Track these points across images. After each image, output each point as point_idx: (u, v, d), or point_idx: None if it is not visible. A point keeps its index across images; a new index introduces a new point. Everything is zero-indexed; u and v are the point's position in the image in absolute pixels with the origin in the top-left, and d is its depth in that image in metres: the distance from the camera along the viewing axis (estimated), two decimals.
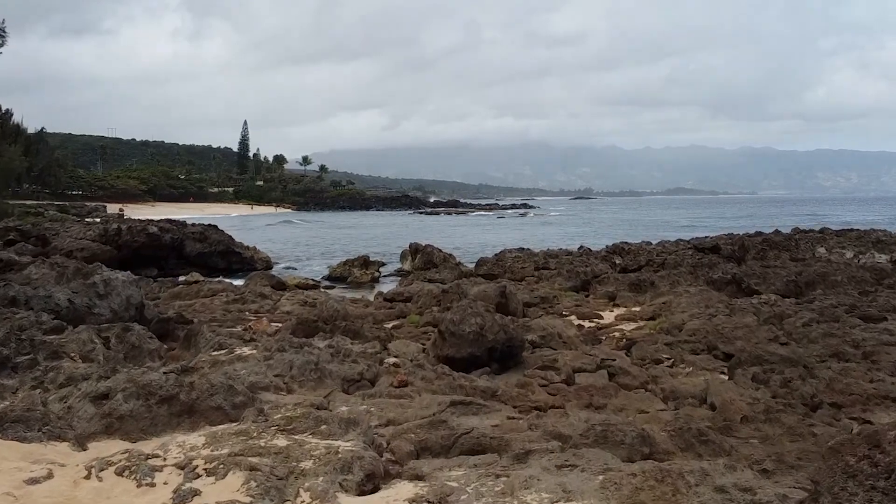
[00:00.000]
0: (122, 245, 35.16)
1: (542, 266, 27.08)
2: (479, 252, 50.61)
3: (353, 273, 33.08)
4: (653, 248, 30.48)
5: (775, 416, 8.50)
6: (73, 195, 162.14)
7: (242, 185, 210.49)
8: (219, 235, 36.90)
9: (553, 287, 21.90)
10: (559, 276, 22.82)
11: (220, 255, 36.40)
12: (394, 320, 16.80)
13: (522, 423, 7.52)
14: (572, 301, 19.74)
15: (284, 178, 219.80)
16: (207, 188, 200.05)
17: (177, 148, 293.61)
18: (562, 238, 68.35)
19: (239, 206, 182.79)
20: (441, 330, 11.37)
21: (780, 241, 29.80)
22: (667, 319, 16.04)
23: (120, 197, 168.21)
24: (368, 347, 11.26)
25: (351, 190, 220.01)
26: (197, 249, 36.19)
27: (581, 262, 27.84)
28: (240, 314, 16.68)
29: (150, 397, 6.88)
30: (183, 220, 42.37)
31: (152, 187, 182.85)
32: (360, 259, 34.14)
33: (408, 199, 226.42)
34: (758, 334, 13.37)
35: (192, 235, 36.48)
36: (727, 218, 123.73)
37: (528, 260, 27.84)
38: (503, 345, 11.27)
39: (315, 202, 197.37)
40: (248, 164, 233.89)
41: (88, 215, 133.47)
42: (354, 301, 19.13)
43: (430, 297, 17.89)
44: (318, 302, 16.30)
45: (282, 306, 17.44)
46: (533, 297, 19.36)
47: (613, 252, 30.58)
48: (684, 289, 19.20)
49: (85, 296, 10.56)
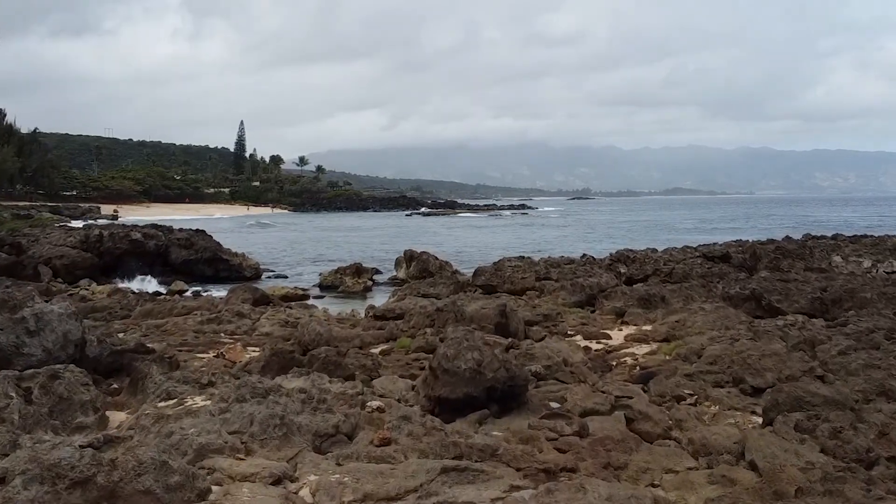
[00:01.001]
0: (103, 252, 33.71)
1: (544, 276, 25.59)
2: (477, 256, 49.19)
3: (345, 282, 31.66)
4: (659, 257, 29.01)
5: (835, 486, 7.03)
6: (68, 196, 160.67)
7: (239, 186, 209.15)
8: (205, 242, 35.42)
9: (556, 302, 20.40)
10: (563, 290, 21.29)
11: (207, 262, 34.93)
12: (382, 343, 15.30)
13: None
14: (578, 318, 18.24)
15: (281, 178, 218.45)
16: (203, 189, 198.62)
17: (173, 148, 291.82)
18: (562, 241, 66.91)
19: (235, 207, 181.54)
20: (433, 366, 9.88)
21: (793, 250, 28.32)
22: (683, 343, 14.55)
23: (115, 198, 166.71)
24: (349, 388, 9.76)
25: (348, 190, 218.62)
26: (182, 257, 34.72)
27: (584, 271, 26.35)
28: (214, 336, 15.20)
29: (57, 481, 5.38)
30: (170, 223, 40.83)
31: (147, 188, 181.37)
32: (352, 267, 32.72)
33: (405, 199, 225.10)
34: (789, 364, 11.89)
35: (178, 242, 35.02)
36: (729, 219, 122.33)
37: (529, 269, 26.33)
38: (504, 384, 9.78)
39: (312, 203, 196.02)
40: (244, 164, 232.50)
41: (82, 216, 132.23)
42: (341, 320, 17.55)
43: (423, 316, 16.39)
44: (299, 324, 14.78)
45: (261, 327, 15.94)
46: (535, 314, 17.87)
47: (618, 260, 29.10)
48: (699, 305, 17.70)
49: (11, 333, 9.03)
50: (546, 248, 57.04)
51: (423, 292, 21.92)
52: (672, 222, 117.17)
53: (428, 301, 19.09)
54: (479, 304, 17.37)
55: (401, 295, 25.32)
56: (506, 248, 58.25)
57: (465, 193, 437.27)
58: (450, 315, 16.21)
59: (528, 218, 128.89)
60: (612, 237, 74.12)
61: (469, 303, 18.41)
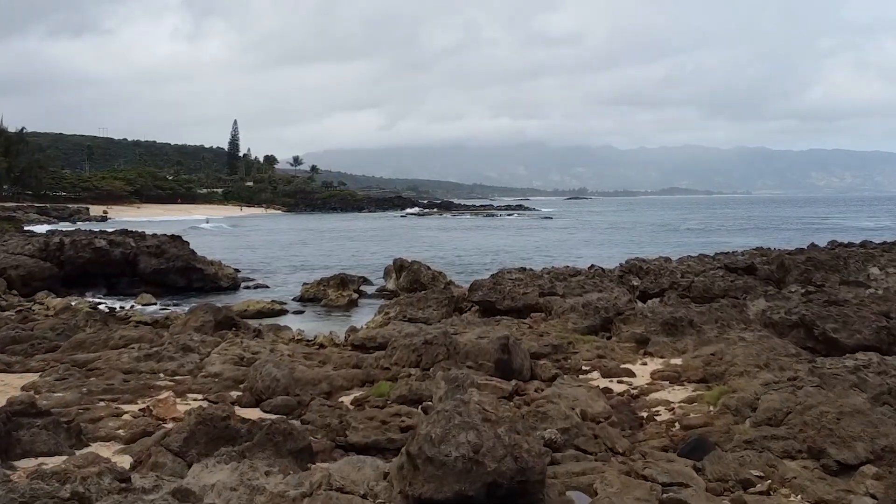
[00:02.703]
0: (64, 261, 30.80)
1: (548, 291, 22.72)
2: (474, 262, 46.31)
3: (328, 294, 28.85)
4: (675, 267, 26.14)
5: None
6: (57, 197, 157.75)
7: (232, 187, 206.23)
8: (178, 249, 32.50)
9: (566, 327, 17.48)
10: (573, 312, 18.34)
11: (179, 271, 32.01)
12: (357, 388, 12.43)
13: None
14: (592, 348, 15.36)
15: (275, 178, 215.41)
16: (196, 189, 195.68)
17: (168, 148, 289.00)
18: (563, 245, 64.04)
19: (228, 208, 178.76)
20: (411, 452, 7.02)
21: (826, 261, 25.43)
22: (729, 388, 11.69)
23: (105, 198, 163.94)
24: (291, 488, 6.87)
25: (342, 191, 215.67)
26: (152, 266, 31.79)
27: (593, 285, 23.50)
28: (150, 379, 12.33)
29: None
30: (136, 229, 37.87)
31: (139, 188, 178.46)
32: (336, 278, 29.86)
33: (401, 200, 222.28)
34: (882, 430, 9.06)
35: (148, 250, 32.08)
36: (731, 220, 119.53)
37: (531, 283, 23.45)
38: (512, 479, 6.92)
39: (306, 203, 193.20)
40: (238, 164, 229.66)
41: (69, 217, 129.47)
42: (309, 356, 14.49)
43: (408, 350, 13.49)
44: (253, 365, 11.88)
45: (210, 365, 13.04)
46: (542, 345, 14.97)
47: (629, 271, 26.24)
48: (737, 334, 14.81)
49: None
50: (547, 253, 54.26)
51: (411, 316, 18.94)
52: (673, 223, 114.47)
53: (415, 327, 16.18)
54: (475, 333, 14.51)
55: (385, 316, 22.44)
56: (504, 251, 55.42)
57: (461, 193, 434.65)
58: (440, 349, 13.37)
59: (526, 220, 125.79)
60: (614, 240, 71.30)
61: (464, 329, 15.57)
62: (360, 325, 23.53)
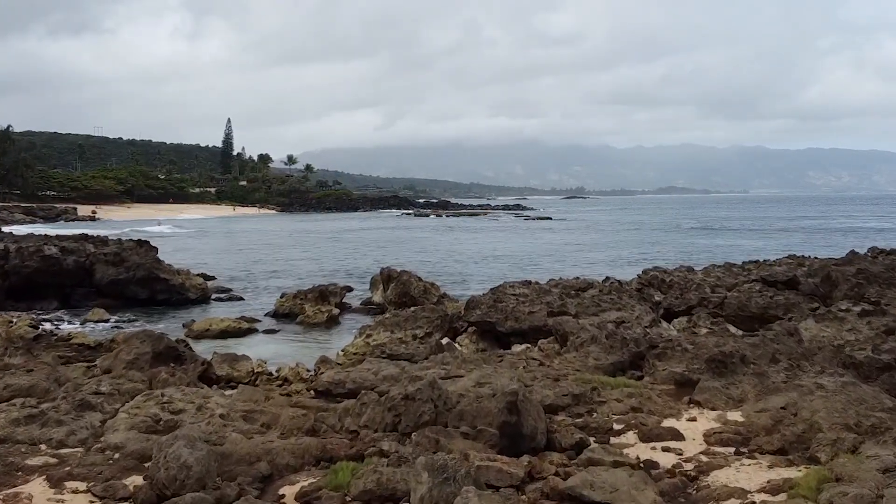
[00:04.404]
0: (9, 271, 27.32)
1: (559, 310, 19.26)
2: (471, 270, 42.80)
3: (305, 310, 25.37)
4: (702, 280, 22.71)
5: None
6: (45, 196, 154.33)
7: (225, 186, 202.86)
8: (140, 258, 28.98)
9: (586, 363, 13.97)
10: (594, 345, 14.77)
11: (141, 282, 28.51)
12: (308, 467, 8.96)
13: None
14: (623, 395, 11.86)
15: (269, 178, 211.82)
16: (188, 189, 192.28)
17: (164, 147, 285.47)
18: (567, 248, 60.52)
19: (220, 208, 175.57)
20: None
21: (879, 273, 21.93)
22: (829, 470, 8.26)
23: (95, 198, 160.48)
24: None
25: (337, 191, 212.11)
26: (110, 276, 28.29)
27: (610, 302, 20.06)
28: (22, 457, 8.86)
29: None
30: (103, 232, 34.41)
31: (130, 188, 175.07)
32: (314, 291, 26.47)
33: (397, 199, 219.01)
34: None
35: (105, 258, 28.56)
36: (734, 220, 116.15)
37: (538, 300, 20.00)
38: None
39: (300, 203, 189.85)
40: (231, 163, 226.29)
41: (56, 218, 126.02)
42: (250, 414, 10.67)
43: (382, 408, 10.01)
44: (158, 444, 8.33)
45: (111, 432, 9.53)
46: (559, 393, 11.48)
47: (649, 284, 22.84)
48: (812, 380, 11.38)
49: None
50: (550, 257, 50.80)
51: (391, 352, 15.31)
52: (675, 222, 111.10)
53: (396, 367, 12.69)
54: (473, 378, 11.07)
55: (366, 339, 19.00)
56: (504, 256, 51.89)
57: (458, 192, 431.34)
58: (425, 407, 9.94)
59: (524, 220, 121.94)
60: (620, 242, 67.81)
61: (458, 371, 12.13)
62: (336, 349, 20.17)
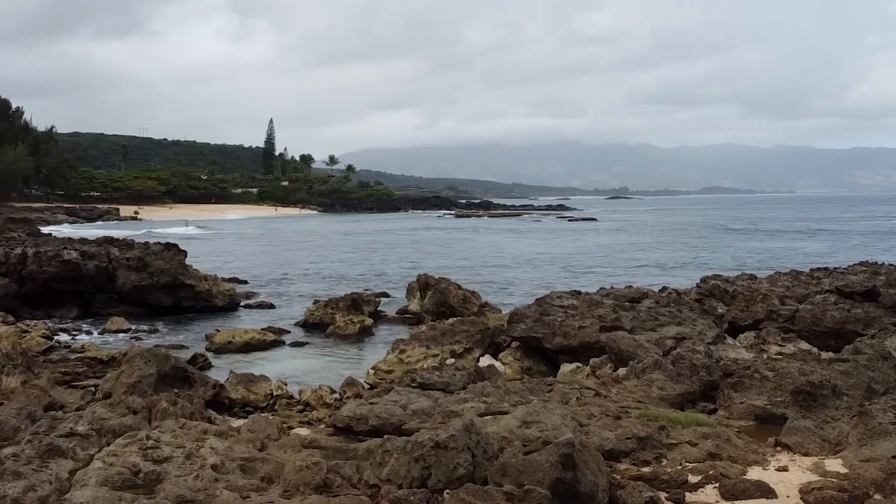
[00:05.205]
0: (26, 277, 25.93)
1: (612, 324, 17.35)
2: (516, 274, 40.84)
3: (336, 320, 23.67)
4: (769, 290, 20.64)
5: None
6: (88, 197, 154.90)
7: (267, 186, 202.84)
8: (165, 262, 27.44)
9: (649, 393, 12.05)
10: (657, 371, 12.79)
11: (165, 288, 26.97)
12: None
13: None
14: (697, 437, 9.94)
15: (310, 178, 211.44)
16: (230, 189, 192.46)
17: (208, 147, 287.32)
18: (614, 251, 58.32)
19: (262, 208, 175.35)
20: None
21: None
22: None
23: (137, 199, 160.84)
24: None
25: (378, 191, 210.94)
26: (132, 282, 26.79)
27: (669, 316, 18.11)
28: None
29: None
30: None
31: (172, 188, 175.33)
32: (346, 299, 24.73)
33: (438, 199, 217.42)
34: None
35: (127, 263, 27.07)
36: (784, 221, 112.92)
37: (588, 313, 18.09)
38: None
39: (341, 203, 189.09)
40: (273, 163, 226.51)
41: (99, 218, 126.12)
42: (248, 464, 8.75)
43: (408, 459, 8.23)
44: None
45: (80, 485, 7.76)
46: (621, 436, 9.60)
47: (710, 294, 20.82)
48: None
49: None
50: (599, 261, 48.67)
51: (423, 381, 13.40)
52: (722, 223, 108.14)
53: (428, 400, 10.87)
54: (518, 416, 9.27)
55: (399, 356, 17.27)
56: (550, 261, 49.85)
57: (500, 192, 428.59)
58: (461, 458, 8.14)
59: (570, 222, 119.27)
60: (669, 244, 65.32)
61: (499, 404, 10.34)
62: (367, 365, 18.47)
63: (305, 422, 13.54)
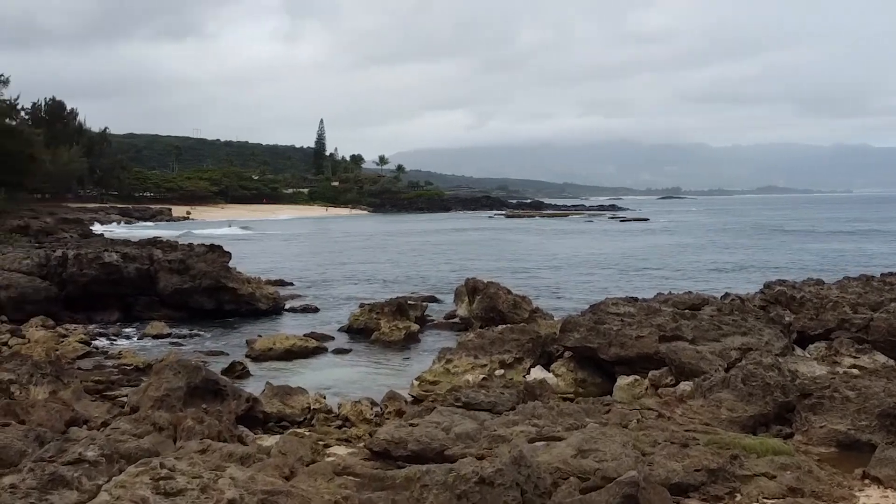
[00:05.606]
0: (66, 279, 25.45)
1: (672, 334, 16.26)
2: (568, 277, 39.66)
3: (381, 326, 22.80)
4: (839, 297, 19.34)
5: None
6: (142, 197, 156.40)
7: (318, 186, 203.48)
8: (207, 265, 26.80)
9: (717, 415, 10.96)
10: (726, 389, 11.66)
11: (207, 292, 26.32)
12: None
13: None
14: (774, 468, 8.85)
15: (361, 178, 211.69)
16: (281, 189, 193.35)
17: (259, 148, 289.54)
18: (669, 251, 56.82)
19: (313, 208, 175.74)
20: None
21: None
22: None
23: (189, 199, 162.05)
24: None
25: (428, 191, 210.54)
26: (173, 285, 26.17)
27: (733, 325, 16.93)
28: None
29: None
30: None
31: (224, 188, 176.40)
32: (392, 304, 23.85)
33: (489, 199, 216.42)
34: None
35: (169, 265, 26.47)
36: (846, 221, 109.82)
37: (646, 322, 16.99)
38: None
39: (391, 204, 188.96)
40: (324, 164, 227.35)
41: (151, 218, 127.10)
42: (271, 499, 7.94)
43: (449, 495, 7.30)
44: None
45: None
46: (689, 467, 8.56)
47: (775, 301, 19.60)
48: None
49: None
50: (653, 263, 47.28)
51: (469, 400, 12.34)
52: (779, 223, 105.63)
53: (473, 423, 9.92)
54: (572, 445, 8.29)
55: (445, 365, 16.36)
56: (603, 263, 48.59)
57: (551, 192, 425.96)
58: (509, 496, 7.19)
59: (622, 223, 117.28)
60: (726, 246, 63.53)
61: (552, 427, 9.35)
62: (412, 374, 17.58)
63: (343, 439, 12.69)
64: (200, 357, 19.95)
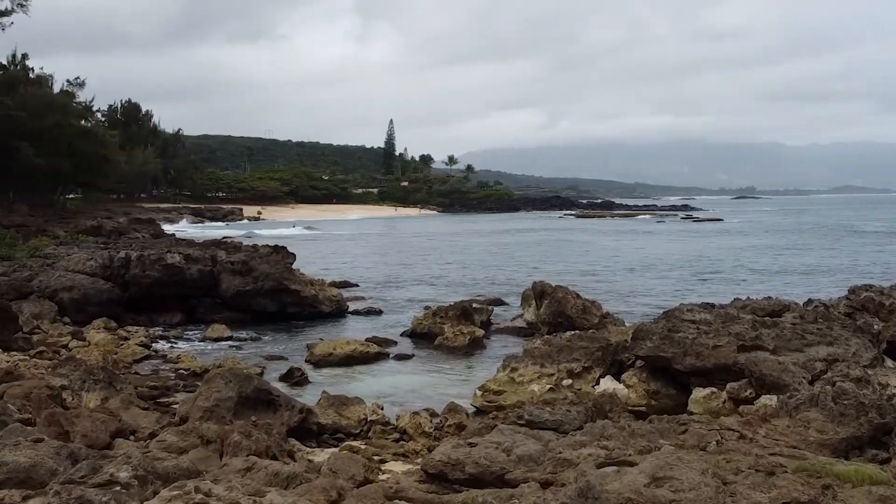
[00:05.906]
0: (129, 281, 25.25)
1: (751, 343, 15.27)
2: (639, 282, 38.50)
3: (444, 330, 22.12)
4: None
5: None
6: (214, 198, 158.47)
7: (387, 186, 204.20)
8: (270, 266, 26.42)
9: (805, 437, 10.05)
10: (815, 408, 10.73)
11: (269, 294, 25.90)
12: None
13: None
14: (872, 502, 7.98)
15: (430, 178, 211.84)
16: (351, 189, 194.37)
17: (329, 148, 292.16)
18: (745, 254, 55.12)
19: (382, 208, 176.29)
20: None
21: None
22: None
23: (260, 199, 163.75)
24: None
25: (498, 191, 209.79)
26: (236, 287, 25.80)
27: (817, 334, 15.87)
28: None
29: None
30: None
31: (294, 189, 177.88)
32: (456, 307, 23.12)
33: (559, 199, 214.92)
34: None
35: (231, 267, 26.14)
36: None
37: (723, 330, 16.02)
38: None
39: (461, 204, 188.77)
40: (393, 164, 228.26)
41: (223, 218, 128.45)
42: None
43: None
44: None
45: None
46: (776, 499, 7.70)
47: (862, 308, 18.42)
48: None
49: None
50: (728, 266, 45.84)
51: (531, 417, 11.56)
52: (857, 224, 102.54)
53: (537, 444, 9.15)
54: (645, 471, 7.50)
55: (510, 374, 15.62)
56: (673, 262, 47.35)
57: (622, 192, 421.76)
58: None
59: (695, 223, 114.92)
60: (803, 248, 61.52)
61: (623, 450, 8.54)
62: (475, 382, 16.87)
63: (401, 454, 12.03)
64: (260, 362, 19.54)
